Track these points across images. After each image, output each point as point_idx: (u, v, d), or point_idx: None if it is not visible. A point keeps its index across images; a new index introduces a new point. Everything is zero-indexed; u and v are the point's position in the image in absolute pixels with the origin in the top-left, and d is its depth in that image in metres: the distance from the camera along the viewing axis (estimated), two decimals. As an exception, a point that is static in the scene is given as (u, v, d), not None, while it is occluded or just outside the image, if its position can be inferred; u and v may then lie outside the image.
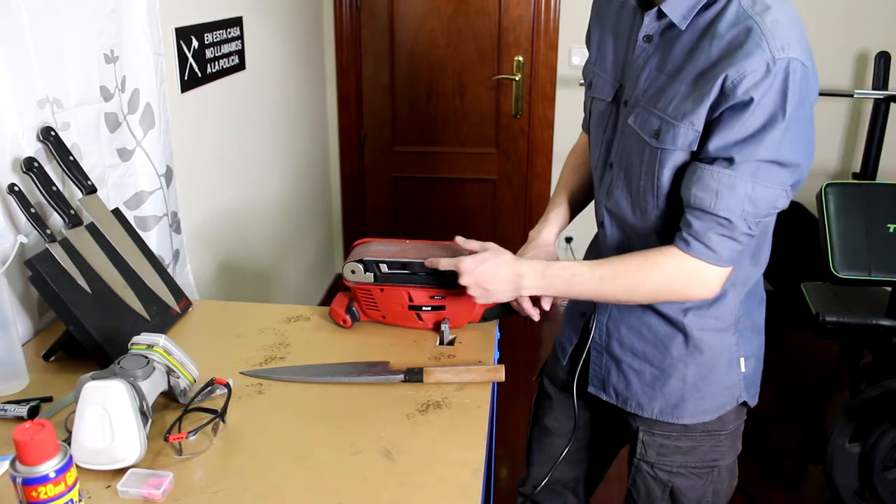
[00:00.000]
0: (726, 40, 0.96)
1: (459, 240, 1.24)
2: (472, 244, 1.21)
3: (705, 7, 1.00)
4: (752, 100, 0.93)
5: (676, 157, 1.03)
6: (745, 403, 1.21)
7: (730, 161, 0.97)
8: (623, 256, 1.09)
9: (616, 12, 1.17)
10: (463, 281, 1.15)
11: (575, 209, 1.37)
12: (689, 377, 1.17)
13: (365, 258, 1.28)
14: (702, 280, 1.04)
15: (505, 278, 1.13)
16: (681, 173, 1.04)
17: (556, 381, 1.41)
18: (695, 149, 1.01)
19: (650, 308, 1.17)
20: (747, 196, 0.97)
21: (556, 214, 1.34)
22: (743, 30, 0.95)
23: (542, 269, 1.12)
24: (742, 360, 1.18)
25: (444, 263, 1.19)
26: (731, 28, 0.96)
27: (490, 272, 1.14)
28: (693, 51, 1.00)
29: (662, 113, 1.03)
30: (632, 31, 1.11)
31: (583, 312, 1.29)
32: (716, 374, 1.17)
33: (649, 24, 1.06)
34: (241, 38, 2.30)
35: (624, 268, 1.08)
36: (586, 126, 1.30)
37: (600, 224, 1.22)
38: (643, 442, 1.23)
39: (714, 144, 0.97)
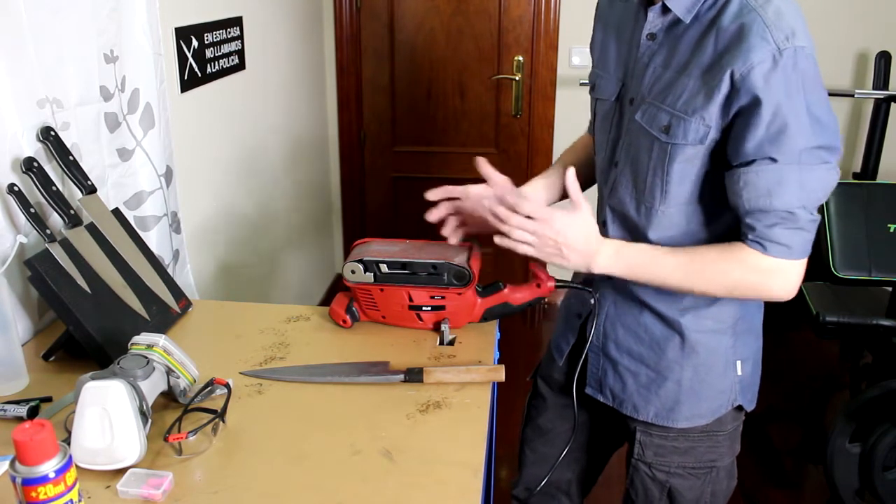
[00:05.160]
0: (730, 32, 0.97)
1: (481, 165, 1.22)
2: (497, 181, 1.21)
3: (709, 2, 1.00)
4: (766, 95, 0.94)
5: (687, 152, 1.03)
6: (741, 407, 1.21)
7: (770, 159, 0.97)
8: (698, 248, 1.07)
9: (618, 15, 1.18)
10: (546, 231, 1.06)
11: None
12: (685, 380, 1.16)
13: (365, 258, 1.28)
14: (783, 277, 1.02)
15: (582, 249, 1.08)
16: (697, 171, 1.04)
17: (551, 383, 1.41)
18: (706, 143, 1.01)
19: (647, 309, 1.17)
20: (798, 184, 0.97)
21: (544, 175, 1.35)
22: (746, 22, 0.95)
23: (617, 248, 1.10)
24: (738, 363, 1.17)
25: (528, 207, 1.07)
26: (735, 20, 0.97)
27: (575, 233, 1.07)
28: (699, 45, 1.01)
29: (672, 108, 1.03)
30: (634, 30, 1.12)
31: (579, 314, 1.29)
32: (711, 377, 1.17)
33: (653, 20, 1.06)
34: (241, 38, 2.30)
35: (703, 259, 1.06)
36: (592, 129, 1.31)
37: (602, 223, 1.21)
38: (640, 442, 1.23)
39: (749, 147, 0.97)
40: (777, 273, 1.02)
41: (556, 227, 1.06)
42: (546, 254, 1.09)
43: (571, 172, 1.09)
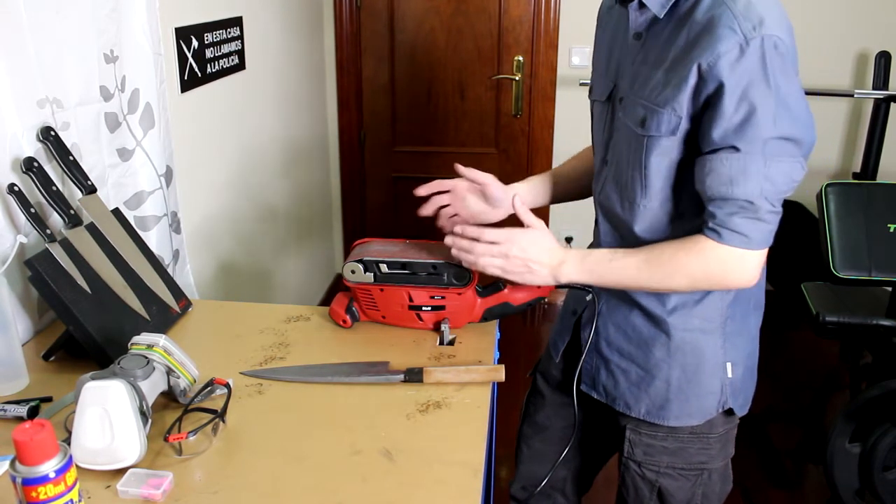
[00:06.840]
0: (700, 25, 0.98)
1: (460, 169, 1.32)
2: (476, 174, 1.31)
3: None
4: (732, 83, 0.95)
5: (662, 144, 1.04)
6: (732, 411, 1.19)
7: (734, 148, 0.97)
8: (658, 244, 1.09)
9: (615, 21, 1.20)
10: (511, 251, 1.12)
11: (560, 184, 1.42)
12: (673, 379, 1.16)
13: (365, 258, 1.28)
14: (740, 266, 1.04)
15: (547, 262, 1.13)
16: (674, 163, 1.05)
17: (550, 379, 1.42)
18: (678, 134, 1.03)
19: (636, 307, 1.17)
20: (762, 175, 0.98)
21: (530, 180, 1.40)
22: (716, 14, 0.97)
23: (581, 256, 1.13)
24: (729, 365, 1.16)
25: (490, 234, 1.14)
26: (706, 14, 0.98)
27: (538, 249, 1.13)
28: (671, 39, 1.03)
29: (647, 101, 1.05)
30: (626, 33, 1.14)
31: (574, 310, 1.30)
32: (700, 377, 1.16)
33: (635, 19, 1.09)
34: (241, 38, 2.30)
35: (661, 255, 1.08)
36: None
37: (595, 221, 1.24)
38: (630, 441, 1.23)
39: (715, 135, 0.98)
40: (734, 262, 1.03)
41: (521, 244, 1.13)
42: (516, 273, 1.14)
43: (518, 199, 1.22)
